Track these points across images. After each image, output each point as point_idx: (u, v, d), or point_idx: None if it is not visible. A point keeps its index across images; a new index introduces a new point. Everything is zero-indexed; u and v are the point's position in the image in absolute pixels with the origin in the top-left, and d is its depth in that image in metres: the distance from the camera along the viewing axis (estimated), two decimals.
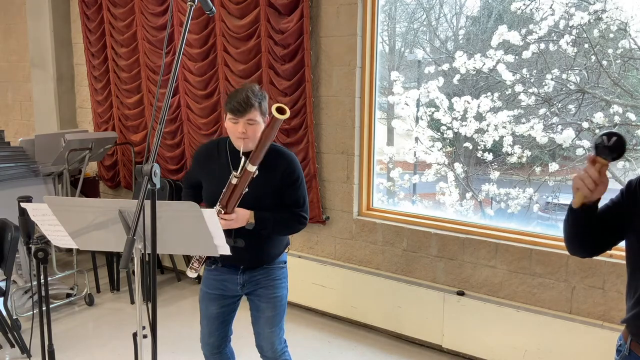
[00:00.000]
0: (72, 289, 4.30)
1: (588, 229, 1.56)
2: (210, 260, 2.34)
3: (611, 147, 1.40)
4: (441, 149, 3.84)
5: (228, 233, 2.19)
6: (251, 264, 2.32)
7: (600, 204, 1.58)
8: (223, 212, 2.13)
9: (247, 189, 2.13)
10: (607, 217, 1.58)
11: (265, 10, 3.79)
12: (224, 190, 2.13)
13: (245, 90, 2.15)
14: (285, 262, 2.44)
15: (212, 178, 2.24)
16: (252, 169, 2.09)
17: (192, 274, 2.29)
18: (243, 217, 2.17)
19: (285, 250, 2.45)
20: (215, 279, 2.36)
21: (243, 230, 2.19)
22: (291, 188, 2.28)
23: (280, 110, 2.02)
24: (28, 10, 5.44)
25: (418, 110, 3.91)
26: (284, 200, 2.28)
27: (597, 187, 1.45)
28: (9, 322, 3.43)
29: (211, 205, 2.20)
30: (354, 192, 3.85)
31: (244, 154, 2.12)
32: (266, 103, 2.23)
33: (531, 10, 3.33)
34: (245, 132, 2.13)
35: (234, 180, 2.10)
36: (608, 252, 2.99)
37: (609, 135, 1.40)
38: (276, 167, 2.25)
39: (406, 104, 3.87)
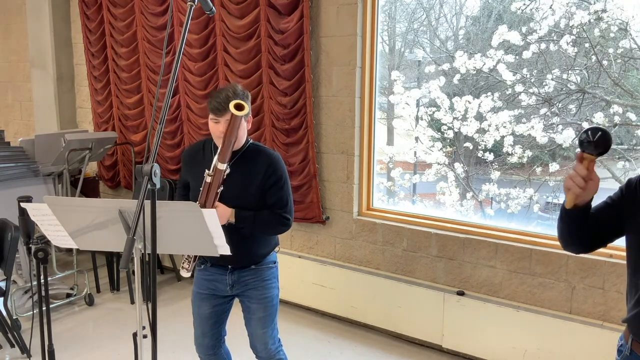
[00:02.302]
0: (72, 289, 4.29)
1: (582, 228, 1.56)
2: (200, 260, 2.35)
3: (596, 142, 1.40)
4: (441, 148, 3.84)
5: None
6: (238, 263, 2.31)
7: (598, 202, 1.58)
8: None
9: (221, 187, 2.14)
10: (604, 214, 1.58)
11: (265, 10, 3.79)
12: (200, 189, 2.15)
13: (227, 90, 2.19)
14: (274, 262, 2.43)
15: (197, 178, 2.25)
16: (222, 166, 2.11)
17: (185, 274, 2.31)
18: (223, 214, 2.17)
19: (275, 250, 2.45)
20: (206, 279, 2.38)
21: (226, 229, 2.18)
22: (273, 188, 2.27)
23: (239, 107, 2.04)
24: (28, 10, 5.44)
25: (418, 110, 3.91)
26: (266, 200, 2.28)
27: (587, 185, 1.45)
28: (9, 322, 3.43)
29: None
30: (354, 192, 3.85)
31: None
32: (248, 102, 2.24)
33: (531, 10, 3.32)
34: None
35: (208, 179, 2.13)
36: (608, 252, 3.00)
37: (593, 130, 1.41)
38: (258, 166, 2.26)
39: (407, 104, 3.87)
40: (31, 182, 4.29)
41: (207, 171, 2.13)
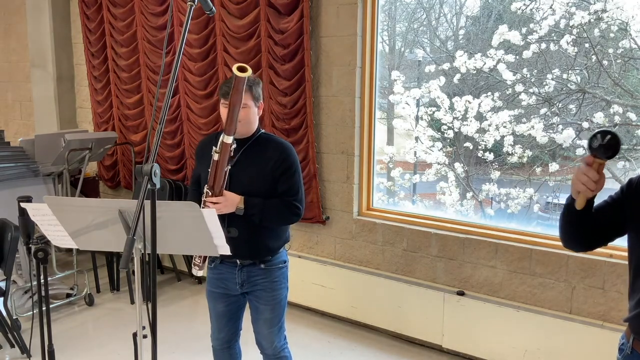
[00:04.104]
0: (72, 289, 4.29)
1: (586, 225, 1.57)
2: (210, 258, 2.35)
3: (606, 146, 1.39)
4: (441, 148, 3.84)
5: (220, 222, 2.19)
6: (247, 256, 2.29)
7: (599, 201, 1.59)
8: (210, 193, 2.11)
9: (229, 166, 2.11)
10: (604, 213, 1.59)
11: (265, 10, 3.79)
12: (209, 170, 2.12)
13: None
14: (285, 262, 2.42)
15: (207, 167, 2.22)
16: (228, 139, 2.07)
17: (197, 272, 2.28)
18: (232, 201, 2.15)
19: (286, 248, 2.43)
20: (217, 277, 2.37)
21: (236, 219, 2.18)
22: (284, 176, 2.25)
23: (242, 69, 1.99)
24: (28, 10, 5.44)
25: (418, 110, 3.91)
26: (277, 189, 2.26)
27: (597, 185, 1.46)
28: (9, 322, 3.43)
29: None
30: (354, 192, 3.85)
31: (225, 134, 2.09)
32: (259, 89, 2.23)
33: (531, 10, 3.32)
34: None
35: (215, 156, 2.09)
36: (608, 252, 3.00)
37: (603, 133, 1.40)
38: (268, 154, 2.25)
39: (407, 104, 3.87)
40: (31, 182, 4.29)
41: (214, 148, 2.10)
